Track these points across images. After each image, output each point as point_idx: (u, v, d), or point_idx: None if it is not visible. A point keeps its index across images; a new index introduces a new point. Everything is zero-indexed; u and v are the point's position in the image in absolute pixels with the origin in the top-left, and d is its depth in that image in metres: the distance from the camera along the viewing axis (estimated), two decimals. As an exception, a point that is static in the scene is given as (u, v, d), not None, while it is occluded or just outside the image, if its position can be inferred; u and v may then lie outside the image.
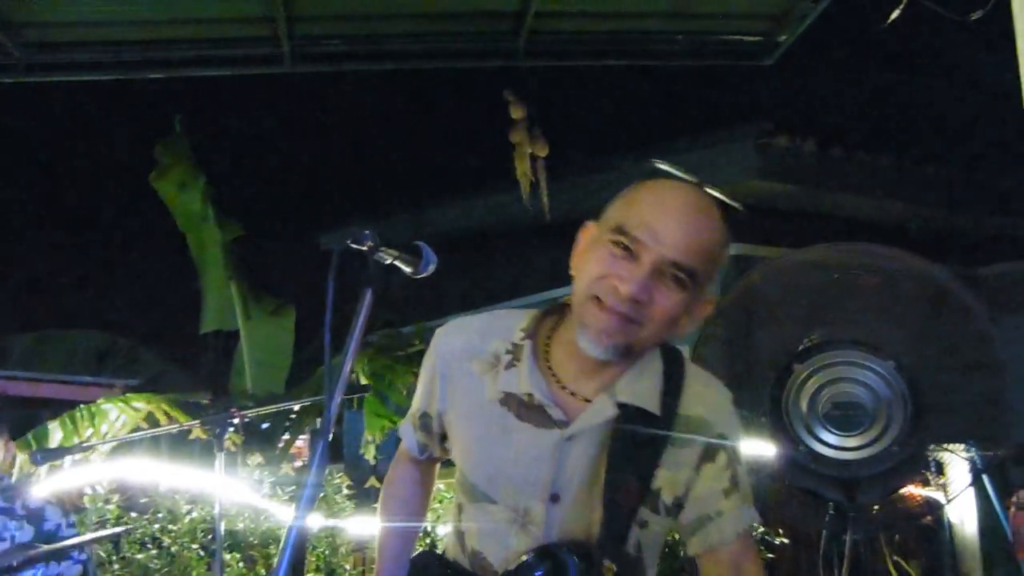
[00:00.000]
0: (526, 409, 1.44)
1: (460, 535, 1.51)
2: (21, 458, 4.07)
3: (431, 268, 1.35)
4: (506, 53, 4.75)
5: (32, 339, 9.43)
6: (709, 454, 1.45)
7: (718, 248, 1.40)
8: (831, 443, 2.31)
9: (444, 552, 1.57)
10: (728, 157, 7.15)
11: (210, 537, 3.49)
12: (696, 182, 1.52)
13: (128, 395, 4.65)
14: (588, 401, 1.43)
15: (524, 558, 1.39)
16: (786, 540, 4.48)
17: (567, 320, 1.47)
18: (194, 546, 3.91)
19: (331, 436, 1.23)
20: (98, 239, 12.23)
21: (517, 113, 4.95)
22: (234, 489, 4.02)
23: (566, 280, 1.49)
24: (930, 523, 4.34)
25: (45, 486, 3.73)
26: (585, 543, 1.38)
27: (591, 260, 1.40)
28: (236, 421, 2.78)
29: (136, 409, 4.47)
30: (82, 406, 4.46)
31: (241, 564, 3.96)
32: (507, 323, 1.52)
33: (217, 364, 7.34)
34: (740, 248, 6.03)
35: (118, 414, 4.50)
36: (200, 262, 6.91)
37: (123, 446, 4.41)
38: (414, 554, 1.66)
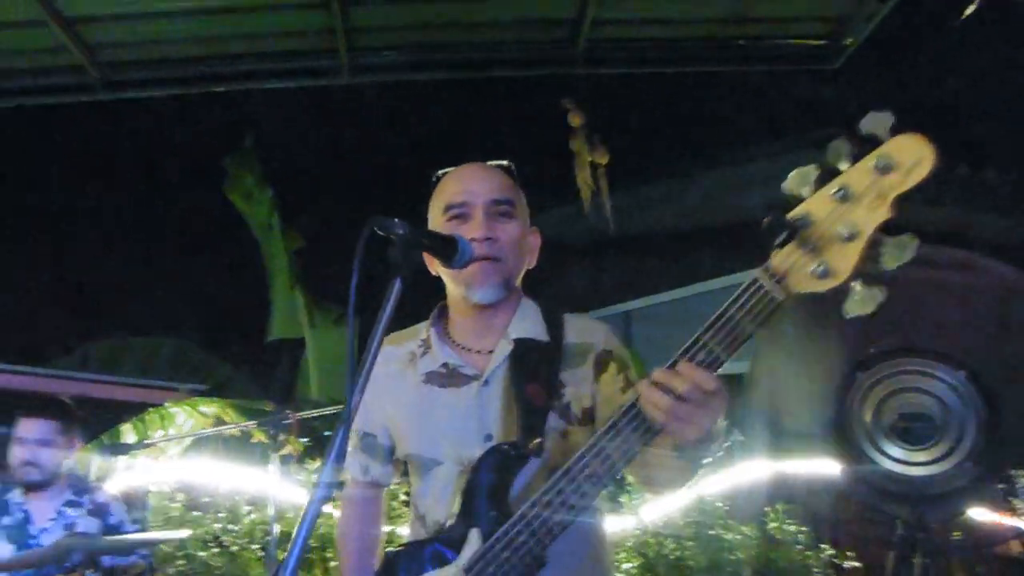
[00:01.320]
0: (446, 377, 1.72)
1: (421, 519, 1.71)
2: (93, 458, 4.22)
3: (466, 261, 1.48)
4: (564, 61, 4.73)
5: (109, 346, 9.84)
6: (601, 366, 1.73)
7: (514, 185, 1.77)
8: (897, 457, 2.20)
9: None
10: (796, 165, 6.92)
11: (268, 538, 3.53)
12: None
13: (195, 399, 4.79)
14: (491, 352, 1.71)
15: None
16: (856, 564, 4.30)
17: (451, 308, 1.78)
18: (253, 546, 3.99)
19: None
20: (173, 250, 12.66)
21: (576, 121, 4.92)
22: (293, 493, 4.07)
23: (632, 294, 1.51)
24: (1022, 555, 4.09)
25: (113, 484, 3.85)
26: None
27: None
28: (290, 423, 2.84)
29: (203, 413, 4.60)
30: (151, 409, 4.61)
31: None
32: (410, 333, 1.82)
33: (283, 371, 7.52)
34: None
35: (185, 417, 4.64)
36: (269, 271, 7.08)
37: (189, 448, 4.53)
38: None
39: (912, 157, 1.18)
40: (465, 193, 1.72)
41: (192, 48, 4.54)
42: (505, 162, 1.82)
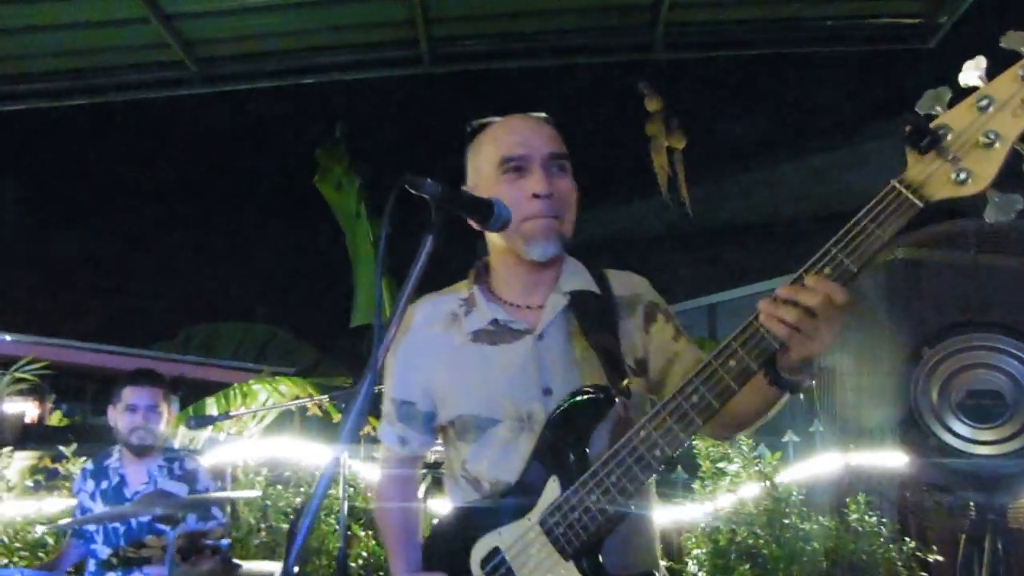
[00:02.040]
0: (496, 334, 1.68)
1: (474, 482, 1.65)
2: (182, 430, 4.48)
3: (501, 224, 1.46)
4: (643, 46, 4.70)
5: (207, 331, 10.40)
6: (650, 317, 1.74)
7: (561, 138, 1.72)
8: (965, 435, 2.11)
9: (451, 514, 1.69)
10: (888, 152, 6.66)
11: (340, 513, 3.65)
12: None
13: (277, 379, 5.00)
14: (541, 307, 1.69)
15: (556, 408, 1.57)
16: (940, 558, 4.13)
17: (495, 265, 1.76)
18: (331, 519, 4.13)
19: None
20: (264, 241, 13.19)
21: (653, 105, 4.88)
22: (369, 469, 4.21)
23: (717, 286, 1.53)
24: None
25: (202, 456, 4.07)
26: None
27: (503, 200, 1.52)
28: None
29: (282, 393, 4.79)
30: (235, 385, 4.84)
31: (373, 541, 4.14)
32: (448, 294, 1.78)
33: (366, 355, 7.68)
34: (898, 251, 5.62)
35: (267, 396, 4.85)
36: (355, 259, 7.29)
37: (273, 425, 4.74)
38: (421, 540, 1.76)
39: None
40: (523, 146, 1.66)
41: (282, 42, 4.72)
42: (544, 114, 1.77)
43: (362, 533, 4.25)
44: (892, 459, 3.24)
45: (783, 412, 1.64)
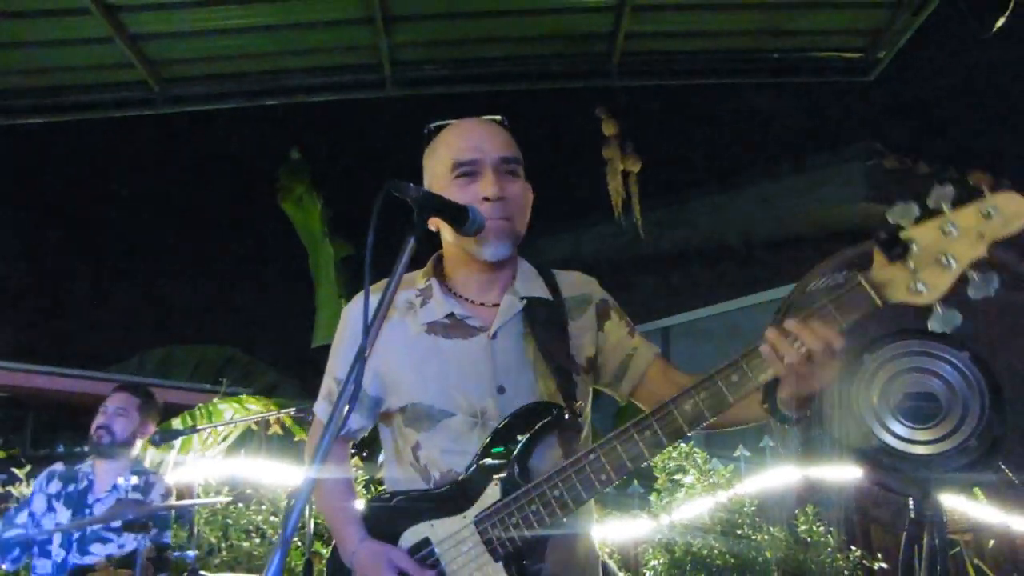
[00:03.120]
0: (450, 328, 1.71)
1: (422, 470, 1.68)
2: (152, 452, 4.48)
3: (476, 229, 1.57)
4: (600, 74, 4.87)
5: (162, 353, 10.28)
6: (603, 314, 1.81)
7: (514, 142, 1.76)
8: (903, 436, 2.25)
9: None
10: (836, 180, 6.99)
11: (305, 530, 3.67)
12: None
13: (243, 397, 5.01)
14: (496, 306, 1.73)
15: (506, 419, 1.62)
16: (885, 565, 4.30)
17: (448, 262, 1.79)
18: (294, 537, 4.13)
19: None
20: (223, 260, 13.09)
21: (609, 130, 5.05)
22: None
23: (670, 310, 1.64)
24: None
25: (166, 474, 4.07)
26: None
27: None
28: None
29: (248, 409, 4.81)
30: (200, 405, 4.85)
31: (336, 556, 4.16)
32: (404, 281, 1.72)
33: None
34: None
35: (232, 414, 4.85)
36: (316, 279, 7.31)
37: (235, 444, 4.74)
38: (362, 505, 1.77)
39: (1014, 211, 1.38)
40: (475, 150, 1.69)
41: (246, 64, 4.78)
42: (499, 117, 1.79)
43: (324, 551, 4.26)
44: (845, 472, 3.39)
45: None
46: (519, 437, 1.60)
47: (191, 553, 3.13)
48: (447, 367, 1.68)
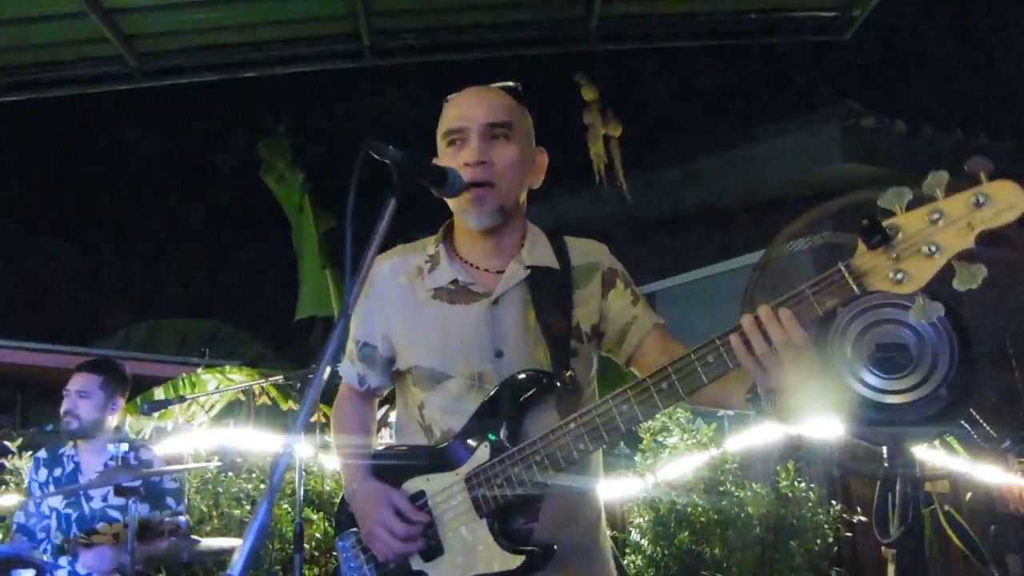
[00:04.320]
0: (455, 293, 1.76)
1: (427, 429, 1.76)
2: (131, 419, 4.50)
3: (456, 191, 1.60)
4: (578, 39, 4.87)
5: (149, 328, 10.28)
6: (608, 283, 1.83)
7: (516, 106, 1.78)
8: (875, 386, 2.31)
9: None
10: (813, 141, 7.02)
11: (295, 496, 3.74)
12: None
13: (225, 367, 5.04)
14: (501, 272, 1.77)
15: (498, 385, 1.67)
16: (864, 518, 4.42)
17: (456, 228, 1.83)
18: (284, 504, 4.21)
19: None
20: (208, 234, 13.06)
21: (589, 95, 5.06)
22: (322, 455, 4.30)
23: (656, 275, 1.64)
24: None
25: (157, 447, 4.10)
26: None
27: None
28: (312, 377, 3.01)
29: (231, 380, 4.84)
30: (183, 376, 4.88)
31: (325, 522, 4.24)
32: (417, 247, 1.86)
33: (312, 348, 7.79)
34: (832, 236, 5.91)
35: (216, 384, 4.89)
36: (299, 252, 7.31)
37: (222, 414, 4.78)
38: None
39: (1008, 200, 1.32)
40: (461, 118, 1.73)
41: (223, 36, 4.74)
42: (511, 83, 1.81)
43: (315, 516, 4.33)
44: (826, 428, 3.46)
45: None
46: (509, 402, 1.66)
47: (182, 519, 3.18)
48: (449, 331, 1.74)
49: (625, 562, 4.28)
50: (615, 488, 4.45)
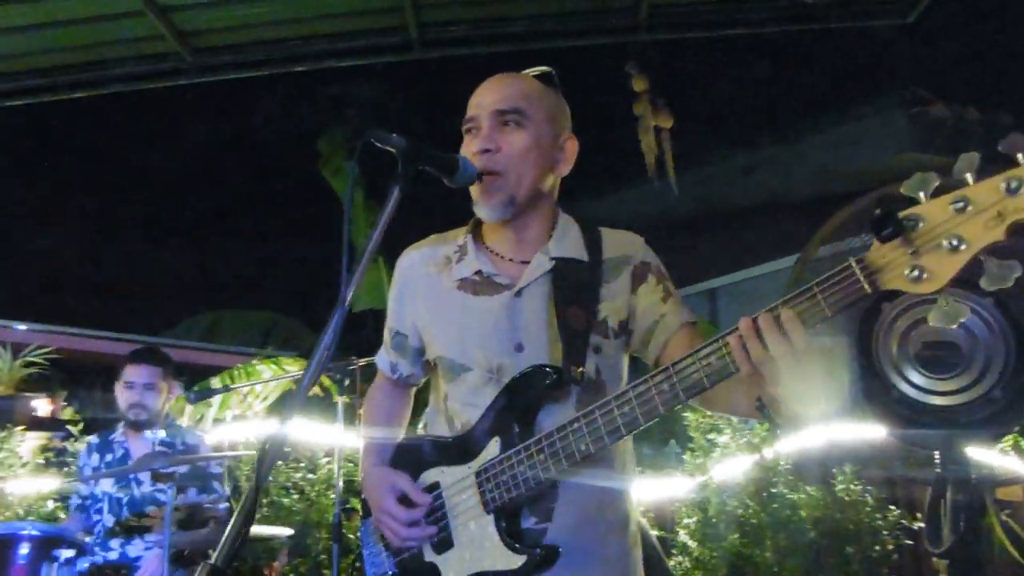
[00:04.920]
0: (479, 285, 1.71)
1: (450, 420, 1.73)
2: (188, 410, 4.62)
3: (468, 180, 1.55)
4: (628, 28, 4.79)
5: (209, 319, 10.59)
6: (639, 277, 1.73)
7: (537, 91, 1.71)
8: (922, 386, 2.19)
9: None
10: (879, 130, 6.75)
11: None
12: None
13: (280, 358, 5.13)
14: (526, 263, 1.71)
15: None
16: (923, 524, 4.22)
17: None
18: (330, 493, 4.25)
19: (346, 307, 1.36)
20: (268, 227, 13.33)
21: (640, 86, 4.95)
22: (356, 441, 4.31)
23: (716, 270, 1.55)
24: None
25: (204, 433, 4.19)
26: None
27: None
28: (355, 368, 3.06)
29: (285, 371, 4.92)
30: (239, 366, 4.98)
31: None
32: (448, 237, 1.83)
33: (369, 340, 7.82)
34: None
35: (271, 375, 4.97)
36: (356, 245, 7.41)
37: (275, 406, 4.86)
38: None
39: None
40: (475, 107, 1.70)
41: (274, 31, 4.82)
42: (542, 68, 1.75)
43: (358, 504, 4.36)
44: (872, 431, 3.31)
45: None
46: (520, 397, 1.62)
47: (223, 506, 3.23)
48: (470, 323, 1.70)
49: (672, 563, 4.19)
50: (664, 487, 4.35)
